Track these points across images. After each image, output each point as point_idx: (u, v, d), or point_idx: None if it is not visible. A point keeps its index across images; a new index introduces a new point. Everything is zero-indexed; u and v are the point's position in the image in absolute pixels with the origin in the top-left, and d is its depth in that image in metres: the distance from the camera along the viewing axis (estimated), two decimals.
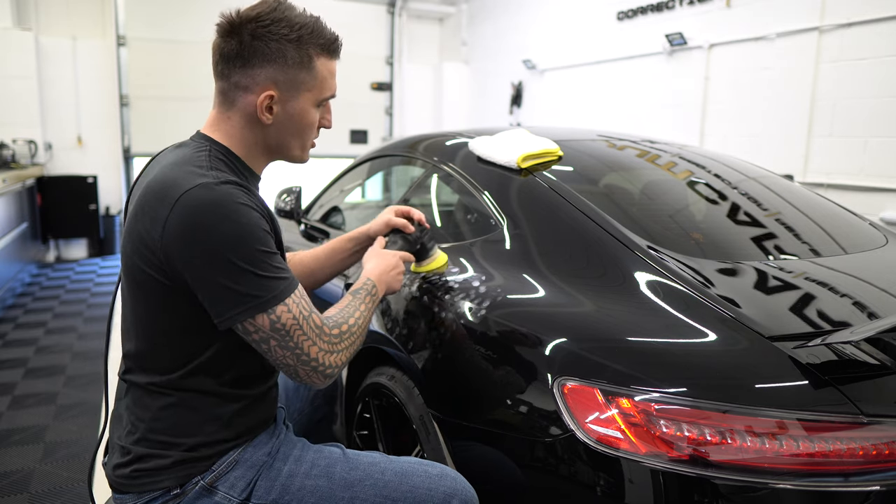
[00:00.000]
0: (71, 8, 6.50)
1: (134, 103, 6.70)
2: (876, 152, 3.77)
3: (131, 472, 1.15)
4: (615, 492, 1.12)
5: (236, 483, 1.17)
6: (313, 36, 1.18)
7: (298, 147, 1.27)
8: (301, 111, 1.21)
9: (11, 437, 2.71)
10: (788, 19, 4.18)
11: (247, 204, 1.09)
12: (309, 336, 1.12)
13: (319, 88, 1.22)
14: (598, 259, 1.47)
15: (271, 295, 1.08)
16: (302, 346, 1.11)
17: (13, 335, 4.08)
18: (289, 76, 1.17)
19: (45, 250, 6.46)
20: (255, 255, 1.07)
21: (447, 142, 2.13)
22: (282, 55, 1.15)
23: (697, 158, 2.10)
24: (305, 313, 1.12)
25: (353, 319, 1.23)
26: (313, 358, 1.13)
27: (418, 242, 1.57)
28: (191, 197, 1.05)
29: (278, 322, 1.09)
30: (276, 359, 1.12)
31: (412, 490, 1.19)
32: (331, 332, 1.16)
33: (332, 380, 1.18)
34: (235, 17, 1.15)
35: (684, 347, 1.21)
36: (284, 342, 1.10)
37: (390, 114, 8.12)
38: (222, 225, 1.05)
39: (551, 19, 6.49)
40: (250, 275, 1.06)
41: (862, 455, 1.03)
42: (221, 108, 1.21)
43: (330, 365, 1.15)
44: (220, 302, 1.07)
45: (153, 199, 1.08)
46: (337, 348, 1.17)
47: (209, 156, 1.15)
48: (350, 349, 1.20)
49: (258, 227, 1.08)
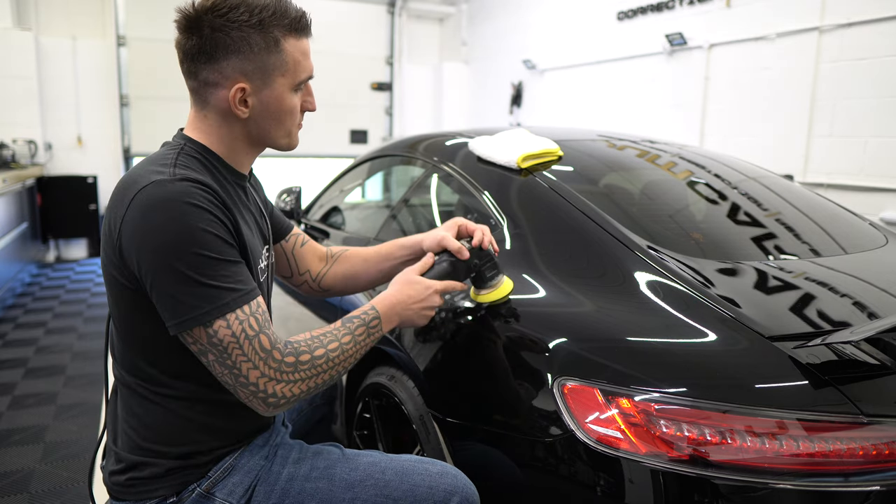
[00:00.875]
0: (71, 8, 6.50)
1: (134, 103, 6.70)
2: (876, 152, 3.77)
3: (126, 480, 1.14)
4: (615, 492, 1.12)
5: (235, 489, 1.16)
6: (276, 17, 1.10)
7: (283, 135, 1.19)
8: (277, 98, 1.14)
9: (11, 437, 2.71)
10: (788, 19, 4.18)
11: (198, 204, 1.02)
12: (249, 358, 1.02)
13: (293, 72, 1.14)
14: (598, 259, 1.47)
15: (211, 307, 1.00)
16: (240, 368, 1.02)
17: (13, 335, 4.08)
18: (257, 64, 1.10)
19: (45, 250, 6.46)
20: (197, 260, 1.00)
21: (447, 142, 2.13)
22: (246, 43, 1.08)
23: (697, 158, 2.10)
24: (250, 332, 1.03)
25: (322, 350, 1.10)
26: (252, 382, 1.03)
27: (474, 270, 1.37)
28: (143, 195, 1.01)
29: (215, 337, 1.01)
30: (217, 375, 1.05)
31: (413, 489, 1.19)
32: (282, 359, 1.05)
33: (277, 410, 1.07)
34: (192, 10, 1.09)
35: (684, 347, 1.21)
36: (221, 359, 1.02)
37: (390, 114, 8.12)
38: (168, 224, 1.00)
39: (551, 19, 6.49)
40: (191, 281, 0.99)
41: (862, 455, 1.03)
42: (197, 108, 1.16)
43: (274, 394, 1.04)
44: (164, 308, 1.02)
45: (115, 198, 1.06)
46: (288, 378, 1.05)
47: (179, 153, 1.11)
48: (308, 382, 1.08)
49: (205, 229, 1.01)
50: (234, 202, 1.16)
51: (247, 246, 1.12)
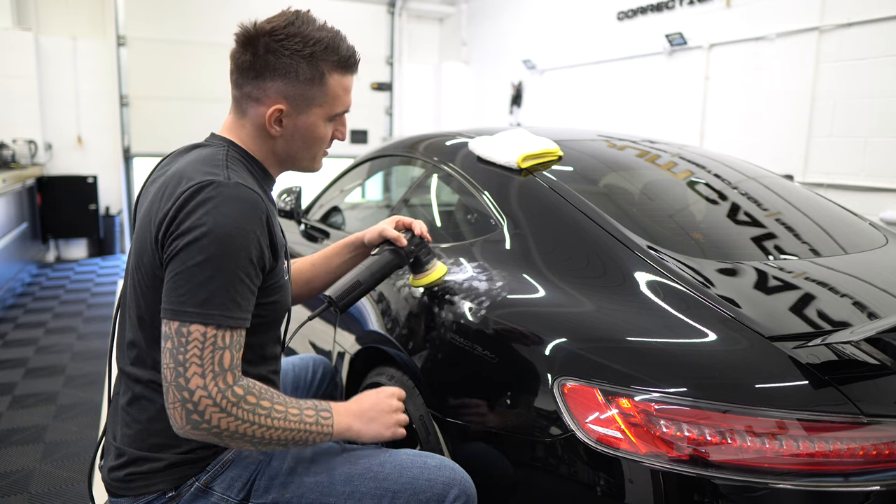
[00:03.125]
0: (71, 8, 6.50)
1: (134, 103, 6.69)
2: (876, 152, 3.77)
3: (125, 475, 1.14)
4: (615, 492, 1.12)
5: (233, 483, 1.17)
6: (327, 52, 1.17)
7: (308, 159, 1.26)
8: (311, 126, 1.21)
9: (11, 437, 2.71)
10: (788, 19, 4.18)
11: (252, 217, 1.06)
12: (202, 364, 1.00)
13: (331, 105, 1.22)
14: (598, 259, 1.47)
15: (205, 312, 1.01)
16: (186, 367, 0.99)
17: (13, 335, 4.08)
18: (299, 91, 1.17)
19: (45, 250, 6.46)
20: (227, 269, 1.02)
21: (447, 142, 2.13)
22: (293, 70, 1.15)
23: (697, 158, 2.10)
24: (220, 344, 1.01)
25: (268, 404, 1.06)
26: (188, 388, 0.99)
27: (411, 256, 1.50)
28: (200, 188, 1.05)
29: (185, 327, 1.00)
30: (162, 364, 1.02)
31: (411, 482, 1.19)
32: (232, 386, 1.02)
33: (192, 433, 1.01)
34: (252, 28, 1.16)
35: (684, 347, 1.21)
36: (175, 351, 1.00)
37: (390, 114, 8.12)
38: (218, 222, 1.03)
39: (551, 19, 6.49)
40: (208, 281, 1.01)
41: (862, 455, 1.03)
42: (236, 115, 1.22)
43: (202, 412, 1.00)
44: (166, 289, 1.04)
45: (168, 190, 1.09)
46: (224, 406, 1.01)
47: (227, 155, 1.16)
48: (242, 426, 1.02)
49: (249, 247, 1.05)
50: (271, 203, 1.22)
51: (279, 243, 1.16)
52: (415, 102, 8.24)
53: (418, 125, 8.15)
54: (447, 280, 1.59)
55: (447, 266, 1.59)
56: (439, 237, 1.87)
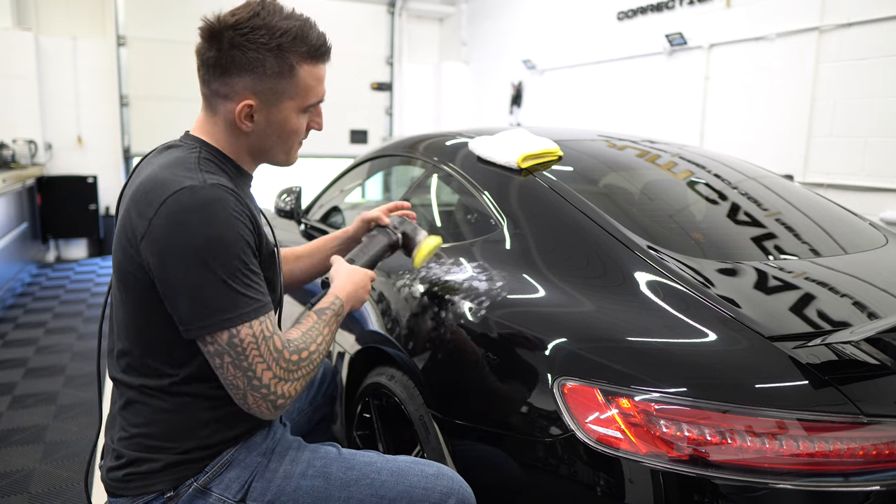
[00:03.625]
0: (71, 8, 6.49)
1: (134, 103, 6.69)
2: (876, 152, 3.77)
3: (124, 475, 1.14)
4: (615, 492, 1.12)
5: (231, 484, 1.16)
6: (296, 42, 1.12)
7: (283, 152, 1.23)
8: (283, 120, 1.17)
9: (11, 437, 2.71)
10: (788, 19, 4.18)
11: (234, 212, 1.05)
12: (265, 359, 1.06)
13: (303, 96, 1.16)
14: (598, 259, 1.47)
15: (239, 312, 1.03)
16: (255, 369, 1.05)
17: (13, 335, 4.08)
18: (268, 85, 1.12)
19: (45, 250, 6.46)
20: (233, 266, 1.03)
21: (447, 142, 2.13)
22: (261, 65, 1.10)
23: (697, 158, 2.10)
24: (267, 333, 1.07)
25: (314, 345, 1.16)
26: (265, 384, 1.06)
27: (398, 231, 1.53)
28: (176, 200, 1.03)
29: (236, 337, 1.04)
30: (227, 378, 1.06)
31: (408, 490, 1.19)
32: (289, 359, 1.10)
33: (280, 412, 1.10)
34: (216, 22, 1.11)
35: (684, 347, 1.21)
36: (238, 361, 1.04)
37: (390, 114, 8.12)
38: (206, 229, 1.02)
39: (551, 19, 6.49)
40: (223, 286, 1.02)
41: (862, 455, 1.03)
42: (207, 113, 1.19)
43: (281, 394, 1.08)
44: (187, 311, 1.03)
45: (142, 199, 1.06)
46: (292, 376, 1.10)
47: (199, 157, 1.13)
48: (306, 378, 1.13)
49: (242, 238, 1.05)
50: (251, 200, 1.21)
51: (265, 238, 1.16)
52: (415, 102, 8.24)
53: (418, 125, 8.15)
54: (448, 280, 1.59)
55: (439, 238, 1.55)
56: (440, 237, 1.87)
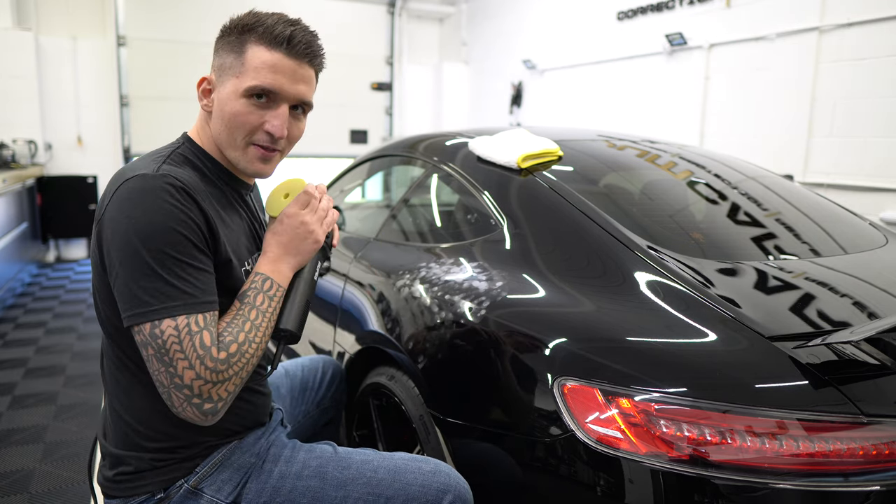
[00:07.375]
0: (71, 8, 6.49)
1: (134, 103, 6.69)
2: (876, 152, 3.77)
3: (114, 475, 1.14)
4: (615, 492, 1.12)
5: (223, 486, 1.15)
6: (257, 26, 1.12)
7: (232, 146, 1.14)
8: (224, 98, 1.12)
9: (11, 437, 2.71)
10: (788, 19, 4.17)
11: (172, 203, 1.01)
12: (188, 357, 0.98)
13: (244, 76, 1.11)
14: (598, 259, 1.47)
15: (166, 305, 0.99)
16: (176, 366, 0.98)
17: (13, 335, 4.08)
18: (221, 60, 1.15)
19: (45, 250, 6.46)
20: (165, 255, 0.99)
21: (447, 142, 2.13)
22: (224, 44, 1.15)
23: (697, 158, 2.10)
24: (195, 329, 1.00)
25: (242, 335, 1.05)
26: (187, 384, 0.99)
27: None
28: (126, 186, 1.03)
29: (157, 328, 0.99)
30: (153, 372, 1.01)
31: (405, 487, 1.18)
32: (217, 357, 1.01)
33: (212, 419, 1.02)
34: None
35: (684, 347, 1.21)
36: (160, 355, 0.99)
37: (390, 114, 8.12)
38: (142, 216, 1.00)
39: (551, 19, 6.49)
40: (154, 274, 0.99)
41: (862, 455, 1.03)
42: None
43: (208, 398, 1.00)
44: (119, 297, 1.02)
45: (105, 191, 1.09)
46: (221, 377, 1.01)
47: (174, 151, 1.14)
48: (240, 376, 1.04)
49: (175, 230, 1.01)
50: (221, 202, 1.16)
51: (223, 243, 1.10)
52: (415, 102, 8.24)
53: (418, 125, 8.15)
54: (448, 280, 1.59)
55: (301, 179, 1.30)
56: (439, 237, 1.87)
